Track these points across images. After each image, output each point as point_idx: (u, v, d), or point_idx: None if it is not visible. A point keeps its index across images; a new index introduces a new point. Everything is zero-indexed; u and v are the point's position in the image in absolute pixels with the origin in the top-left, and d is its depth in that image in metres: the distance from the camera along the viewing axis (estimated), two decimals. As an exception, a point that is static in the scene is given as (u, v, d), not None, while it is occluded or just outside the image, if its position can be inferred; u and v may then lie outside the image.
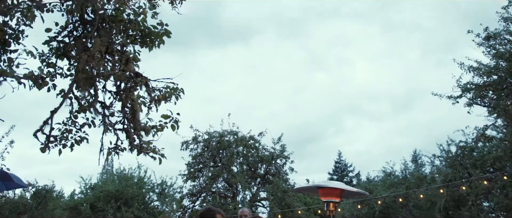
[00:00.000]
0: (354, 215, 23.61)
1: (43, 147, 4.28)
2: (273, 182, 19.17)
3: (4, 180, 4.73)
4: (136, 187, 23.66)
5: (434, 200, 19.96)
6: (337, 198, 5.38)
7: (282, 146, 20.08)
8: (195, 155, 19.74)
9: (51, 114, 4.21)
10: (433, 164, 27.37)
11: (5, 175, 4.61)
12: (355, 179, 44.59)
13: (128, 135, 4.56)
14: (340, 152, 54.59)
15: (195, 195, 20.15)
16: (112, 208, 21.80)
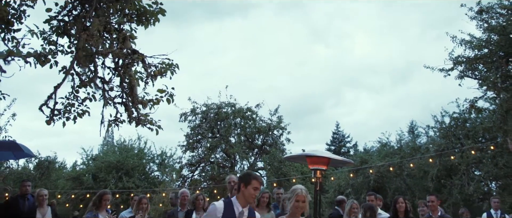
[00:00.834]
0: (349, 184, 24.17)
1: (48, 120, 4.58)
2: (270, 152, 19.61)
3: (14, 150, 5.04)
4: (137, 158, 24.17)
5: (427, 169, 20.47)
6: (324, 166, 5.75)
7: (279, 117, 20.43)
8: (193, 126, 20.11)
9: (54, 89, 4.50)
10: (428, 135, 27.90)
11: (15, 145, 4.92)
12: (352, 149, 45.27)
13: (126, 108, 4.86)
14: (338, 123, 55.01)
15: (194, 165, 20.62)
16: (114, 178, 22.33)
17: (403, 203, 6.08)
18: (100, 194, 5.99)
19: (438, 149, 19.22)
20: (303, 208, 3.88)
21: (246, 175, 3.80)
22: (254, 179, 3.71)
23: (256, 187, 3.69)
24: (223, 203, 3.70)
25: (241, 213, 3.67)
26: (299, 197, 3.85)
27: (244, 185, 3.67)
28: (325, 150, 38.51)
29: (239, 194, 3.72)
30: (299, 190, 3.95)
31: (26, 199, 6.80)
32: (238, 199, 3.72)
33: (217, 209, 3.57)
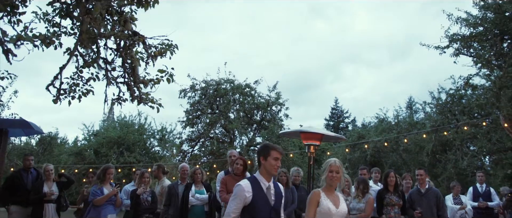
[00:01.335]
0: (347, 159, 24.61)
1: (55, 99, 4.81)
2: (269, 127, 19.88)
3: (24, 127, 5.29)
4: (137, 133, 24.50)
5: (423, 144, 20.82)
6: (317, 142, 6.03)
7: (277, 94, 20.62)
8: (193, 102, 20.30)
9: (60, 70, 4.71)
10: (425, 111, 28.19)
11: (25, 123, 5.16)
12: (351, 124, 45.67)
13: (129, 87, 5.09)
14: (337, 98, 55.24)
15: (193, 140, 20.92)
16: (115, 153, 22.71)
17: (393, 177, 6.38)
18: (104, 168, 6.30)
19: (434, 125, 19.48)
20: (338, 179, 3.80)
21: (264, 148, 3.63)
22: (273, 149, 3.56)
23: (277, 157, 3.53)
24: (249, 181, 3.51)
25: (268, 188, 3.54)
26: (333, 168, 3.80)
27: (263, 158, 3.52)
28: (324, 126, 39.06)
29: (260, 169, 3.56)
30: (332, 161, 3.91)
31: (29, 172, 7.10)
32: (262, 174, 3.55)
33: (244, 188, 3.41)
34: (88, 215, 5.87)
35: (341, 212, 3.75)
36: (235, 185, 3.52)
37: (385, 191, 6.33)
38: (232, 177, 5.85)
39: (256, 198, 3.41)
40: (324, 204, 3.69)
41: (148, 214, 6.19)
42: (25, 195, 6.74)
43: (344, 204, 3.83)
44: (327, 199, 3.72)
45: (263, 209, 3.43)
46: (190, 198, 6.21)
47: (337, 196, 3.86)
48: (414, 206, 6.22)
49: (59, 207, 6.76)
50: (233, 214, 3.37)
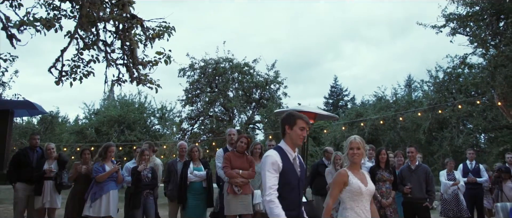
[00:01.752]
0: (345, 137, 24.93)
1: (57, 81, 4.99)
2: (267, 106, 20.09)
3: (28, 108, 5.48)
4: (138, 112, 24.76)
5: (420, 122, 21.07)
6: (311, 120, 6.25)
7: (276, 72, 20.78)
8: (192, 81, 20.45)
9: (61, 52, 4.87)
10: (422, 89, 28.34)
11: (29, 104, 5.35)
12: (350, 102, 45.94)
13: (128, 69, 5.25)
14: (336, 76, 55.32)
15: (193, 118, 21.16)
16: (116, 132, 23.02)
17: (385, 155, 6.60)
18: (105, 146, 6.53)
19: (431, 103, 19.66)
20: (360, 155, 3.63)
21: (289, 116, 3.38)
22: (299, 119, 3.34)
23: (303, 127, 3.33)
24: (276, 151, 3.27)
25: (294, 159, 3.34)
26: (353, 144, 3.64)
27: (289, 127, 3.30)
28: (323, 104, 39.11)
29: (285, 138, 3.32)
30: (352, 138, 3.77)
31: (35, 151, 7.35)
32: (287, 143, 3.32)
33: (276, 158, 3.18)
34: (91, 190, 6.13)
35: (370, 189, 3.65)
36: (264, 156, 3.27)
37: (377, 167, 6.56)
38: (234, 154, 6.08)
39: (284, 169, 3.20)
40: (354, 182, 3.57)
41: (149, 190, 6.46)
42: (30, 172, 6.99)
43: (371, 182, 3.73)
44: (355, 178, 3.60)
45: (292, 180, 3.23)
46: (189, 175, 6.46)
47: (363, 173, 3.74)
48: (404, 181, 6.47)
49: (58, 184, 6.97)
50: (274, 187, 3.10)
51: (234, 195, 5.82)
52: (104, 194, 6.09)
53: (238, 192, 5.82)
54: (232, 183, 5.83)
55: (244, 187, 5.91)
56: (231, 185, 5.85)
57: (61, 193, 7.07)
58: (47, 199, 6.81)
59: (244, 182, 5.89)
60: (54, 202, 6.92)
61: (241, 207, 5.86)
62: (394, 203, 6.35)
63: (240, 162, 5.96)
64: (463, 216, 8.17)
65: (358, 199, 3.59)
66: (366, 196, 3.60)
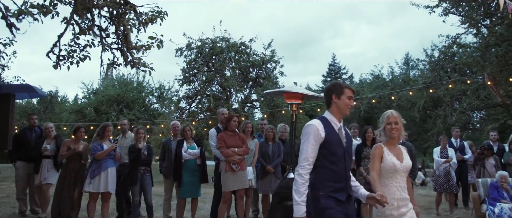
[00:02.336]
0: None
1: (55, 65, 5.24)
2: (264, 85, 20.31)
3: (30, 92, 5.75)
4: (136, 91, 25.01)
5: (415, 100, 21.35)
6: (299, 100, 6.52)
7: (272, 51, 20.91)
8: (189, 60, 20.60)
9: (58, 38, 5.10)
10: (418, 68, 28.51)
11: (30, 87, 5.61)
12: (348, 80, 46.12)
13: (122, 53, 5.49)
14: (334, 54, 55.19)
15: (190, 97, 21.37)
16: (115, 111, 23.32)
17: (371, 133, 6.90)
18: (103, 126, 6.81)
19: (425, 82, 19.87)
20: (397, 130, 3.49)
21: (336, 85, 3.22)
22: (346, 88, 3.22)
23: (350, 96, 3.19)
24: (320, 121, 3.12)
25: (340, 129, 3.19)
26: (391, 119, 3.51)
27: (336, 96, 3.12)
28: (322, 82, 39.29)
29: (331, 108, 3.16)
30: (389, 112, 3.62)
31: (33, 130, 7.65)
32: (333, 113, 3.16)
33: (318, 127, 3.01)
34: (90, 168, 6.45)
35: (406, 166, 3.51)
36: (306, 126, 3.12)
37: (363, 145, 6.87)
38: (227, 133, 6.39)
39: (328, 139, 3.04)
40: (388, 159, 3.46)
41: (145, 166, 6.80)
42: (28, 151, 7.29)
43: (408, 158, 3.59)
44: (390, 154, 3.50)
45: (338, 150, 3.07)
46: (183, 153, 6.78)
47: (400, 149, 3.62)
48: (389, 158, 6.80)
49: (56, 162, 7.24)
50: (311, 159, 2.95)
51: (232, 172, 6.16)
52: (103, 171, 6.41)
53: (236, 169, 6.16)
54: (230, 161, 6.16)
55: (240, 163, 6.25)
56: (229, 163, 6.18)
57: (59, 171, 7.34)
58: (44, 176, 7.09)
59: (240, 159, 6.22)
60: (50, 178, 7.18)
61: (238, 183, 6.22)
62: (379, 179, 6.67)
63: (233, 140, 6.27)
64: (452, 191, 8.57)
65: (392, 176, 3.51)
66: (401, 172, 3.48)
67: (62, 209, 6.33)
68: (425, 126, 22.60)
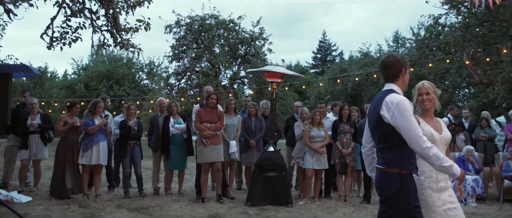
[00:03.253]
0: (328, 92, 25.71)
1: (48, 46, 5.56)
2: (252, 61, 20.64)
3: (25, 71, 6.04)
4: (126, 67, 25.19)
5: (400, 78, 21.86)
6: (279, 79, 6.96)
7: (260, 29, 21.18)
8: (178, 37, 20.79)
9: (51, 21, 5.40)
10: (405, 46, 28.94)
11: (26, 67, 5.91)
12: (338, 58, 46.43)
13: (112, 34, 5.81)
14: (325, 31, 55.31)
15: (180, 74, 21.67)
16: (105, 87, 23.55)
17: (347, 110, 7.34)
18: (94, 102, 7.15)
19: (411, 60, 20.30)
20: (430, 100, 3.20)
21: (405, 60, 2.96)
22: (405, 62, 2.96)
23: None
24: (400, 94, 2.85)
25: None
26: (421, 90, 3.23)
27: (405, 71, 2.89)
28: (311, 58, 39.52)
29: (398, 81, 2.86)
30: (420, 83, 3.30)
31: (25, 106, 7.92)
32: (399, 87, 2.87)
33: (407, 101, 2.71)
34: (83, 142, 6.85)
35: (445, 138, 3.25)
36: (399, 100, 2.68)
37: (339, 121, 7.33)
38: (205, 109, 6.81)
39: None
40: (425, 129, 3.15)
41: (135, 141, 7.22)
42: (20, 126, 7.52)
43: (447, 130, 3.33)
44: (427, 125, 3.20)
45: None
46: (170, 128, 7.20)
47: (438, 121, 3.34)
48: (363, 133, 7.27)
49: (43, 137, 7.47)
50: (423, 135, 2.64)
51: (203, 146, 6.60)
52: (94, 145, 6.79)
53: (206, 143, 6.59)
54: (201, 136, 6.60)
55: (212, 138, 6.61)
56: (201, 137, 6.62)
57: (46, 145, 7.55)
58: (33, 151, 7.33)
59: (212, 134, 6.61)
60: (40, 154, 7.44)
61: (212, 156, 6.61)
62: (354, 152, 7.15)
63: (210, 116, 6.67)
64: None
65: None
66: (440, 144, 3.20)
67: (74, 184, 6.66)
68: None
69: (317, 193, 7.14)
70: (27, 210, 5.74)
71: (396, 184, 2.65)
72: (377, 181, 2.80)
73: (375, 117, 2.76)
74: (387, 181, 2.70)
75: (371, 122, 2.85)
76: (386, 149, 2.74)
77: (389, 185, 2.68)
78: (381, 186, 2.74)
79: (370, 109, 2.88)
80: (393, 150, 2.72)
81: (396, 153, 2.71)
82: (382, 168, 2.73)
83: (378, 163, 2.78)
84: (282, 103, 19.69)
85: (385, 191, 2.69)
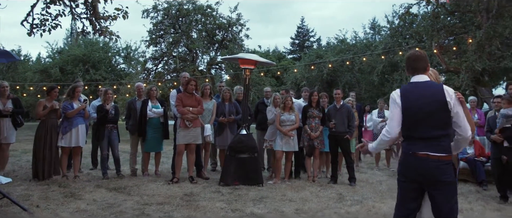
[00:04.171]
0: (305, 77, 26.17)
1: (29, 32, 5.73)
2: (229, 47, 20.87)
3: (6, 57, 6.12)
4: (102, 51, 24.98)
5: (374, 65, 22.46)
6: (252, 66, 7.31)
7: (238, 14, 21.36)
8: (156, 22, 20.78)
9: (31, 8, 5.57)
10: (380, 34, 29.57)
11: (7, 53, 6.01)
12: (316, 44, 46.92)
13: (91, 22, 6.02)
14: (303, 17, 55.58)
15: (157, 58, 21.72)
16: (81, 71, 23.35)
17: (316, 96, 7.73)
18: (73, 86, 7.36)
19: (385, 47, 20.84)
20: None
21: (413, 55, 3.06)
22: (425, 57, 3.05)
23: None
24: None
25: None
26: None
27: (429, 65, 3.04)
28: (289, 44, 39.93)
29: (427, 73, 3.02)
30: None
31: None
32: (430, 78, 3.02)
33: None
34: (62, 125, 7.07)
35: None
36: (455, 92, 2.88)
37: (309, 106, 7.74)
38: (185, 94, 7.12)
39: None
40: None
41: (112, 124, 7.48)
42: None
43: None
44: None
45: None
46: (148, 111, 7.49)
47: None
48: (330, 118, 7.71)
49: (14, 122, 7.39)
50: None
51: (185, 128, 6.94)
52: (74, 128, 7.02)
53: (189, 125, 6.94)
54: (184, 119, 6.94)
55: (194, 121, 7.00)
56: (183, 120, 6.96)
57: (17, 130, 7.54)
58: (3, 135, 7.31)
59: (193, 117, 6.98)
60: (9, 138, 7.43)
61: (189, 138, 6.99)
62: (321, 135, 7.60)
63: (190, 101, 7.02)
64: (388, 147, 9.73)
65: None
66: None
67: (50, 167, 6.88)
68: (383, 89, 23.83)
69: (287, 173, 7.59)
70: (8, 190, 5.97)
71: (452, 170, 2.83)
72: (435, 169, 2.78)
73: (436, 104, 2.80)
74: (448, 167, 2.79)
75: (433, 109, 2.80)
76: (444, 137, 2.82)
77: (450, 172, 2.80)
78: (441, 173, 2.77)
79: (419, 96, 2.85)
80: (449, 138, 2.86)
81: (450, 141, 2.87)
82: (442, 155, 2.78)
83: (434, 151, 2.78)
84: (259, 88, 20.05)
85: (448, 177, 2.78)
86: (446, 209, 2.79)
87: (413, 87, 2.92)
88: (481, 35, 13.15)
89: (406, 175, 2.89)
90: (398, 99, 2.86)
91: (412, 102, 2.84)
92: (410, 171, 2.86)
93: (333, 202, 5.79)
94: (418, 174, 2.82)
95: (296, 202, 5.70)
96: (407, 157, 2.87)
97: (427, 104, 2.81)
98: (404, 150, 2.91)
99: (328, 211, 5.27)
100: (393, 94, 2.93)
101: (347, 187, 7.03)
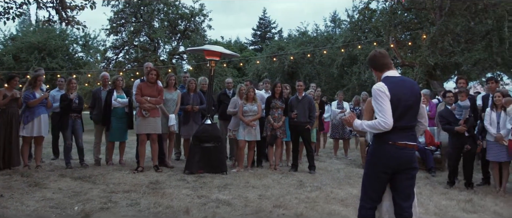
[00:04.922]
0: (266, 69, 26.51)
1: (-8, 20, 5.61)
2: (191, 37, 20.82)
3: None
4: (59, 39, 24.08)
5: (334, 57, 23.06)
6: (217, 58, 7.50)
7: (201, 5, 21.31)
8: (116, 10, 20.36)
9: (-6, -5, 5.46)
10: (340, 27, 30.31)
11: None
12: (277, 35, 47.35)
13: (57, 11, 5.96)
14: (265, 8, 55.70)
15: (118, 48, 21.32)
16: (36, 59, 22.45)
17: (279, 87, 8.00)
18: (35, 75, 7.25)
19: (345, 41, 21.41)
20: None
21: None
22: None
23: None
24: None
25: None
26: None
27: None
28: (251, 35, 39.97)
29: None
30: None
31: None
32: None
33: None
34: (23, 114, 6.97)
35: None
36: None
37: (272, 97, 8.01)
38: (146, 84, 7.19)
39: None
40: None
41: (76, 113, 7.45)
42: None
43: None
44: None
45: None
46: (113, 101, 7.50)
47: None
48: (292, 109, 8.02)
49: None
50: None
51: (142, 117, 7.03)
52: (36, 117, 6.95)
53: (146, 115, 7.02)
54: (141, 108, 7.02)
55: (151, 111, 7.04)
56: (140, 109, 7.04)
57: None
58: None
59: (151, 107, 7.03)
60: None
61: (149, 128, 7.06)
62: (284, 126, 7.90)
63: (150, 90, 7.07)
64: (346, 137, 10.23)
65: None
66: None
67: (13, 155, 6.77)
68: (342, 82, 24.51)
69: (250, 162, 7.86)
70: (-32, 180, 5.89)
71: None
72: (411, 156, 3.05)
73: (415, 97, 3.05)
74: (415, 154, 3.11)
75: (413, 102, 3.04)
76: (414, 127, 3.13)
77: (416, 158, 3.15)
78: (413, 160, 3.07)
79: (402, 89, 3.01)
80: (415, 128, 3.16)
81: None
82: (414, 144, 3.06)
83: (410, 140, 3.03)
84: (221, 79, 20.17)
85: (416, 164, 3.11)
86: (409, 191, 3.09)
87: (396, 81, 3.06)
88: (434, 31, 13.89)
89: (386, 164, 3.04)
90: (388, 92, 2.96)
91: (400, 96, 2.99)
92: (390, 160, 3.02)
93: (294, 188, 6.11)
94: (397, 163, 3.02)
95: (259, 189, 5.97)
96: (386, 147, 3.02)
97: (409, 97, 3.02)
98: (381, 140, 3.04)
99: (289, 196, 5.57)
100: (379, 87, 2.99)
101: (307, 175, 7.38)
